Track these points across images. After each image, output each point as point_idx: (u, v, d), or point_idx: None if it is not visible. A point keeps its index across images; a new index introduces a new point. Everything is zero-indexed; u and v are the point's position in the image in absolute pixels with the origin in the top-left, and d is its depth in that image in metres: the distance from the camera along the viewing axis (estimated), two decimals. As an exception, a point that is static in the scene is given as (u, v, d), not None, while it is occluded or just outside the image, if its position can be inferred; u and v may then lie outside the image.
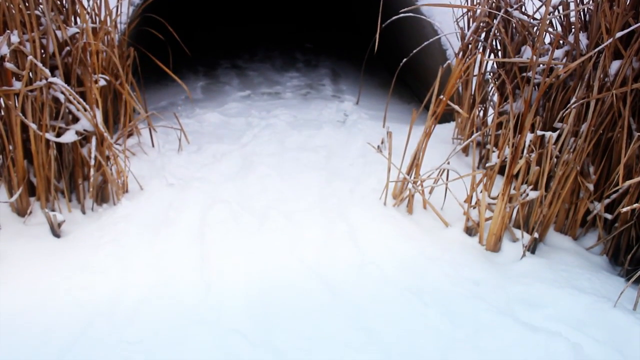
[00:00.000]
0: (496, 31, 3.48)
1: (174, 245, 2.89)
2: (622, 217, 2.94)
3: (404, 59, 3.86)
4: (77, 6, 3.07)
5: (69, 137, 2.97)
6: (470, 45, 3.63)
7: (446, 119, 4.32)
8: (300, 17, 8.01)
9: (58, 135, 2.96)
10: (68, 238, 2.91)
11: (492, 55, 3.66)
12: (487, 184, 2.97)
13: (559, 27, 3.30)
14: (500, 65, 3.48)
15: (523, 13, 3.41)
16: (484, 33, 3.64)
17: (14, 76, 2.82)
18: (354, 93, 5.34)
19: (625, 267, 2.92)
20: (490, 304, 2.56)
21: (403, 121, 4.42)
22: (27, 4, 2.79)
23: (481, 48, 3.66)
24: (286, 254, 2.86)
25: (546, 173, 2.87)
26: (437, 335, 2.39)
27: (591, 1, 3.02)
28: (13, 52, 2.80)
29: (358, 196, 3.35)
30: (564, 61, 3.08)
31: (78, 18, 3.13)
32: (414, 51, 3.83)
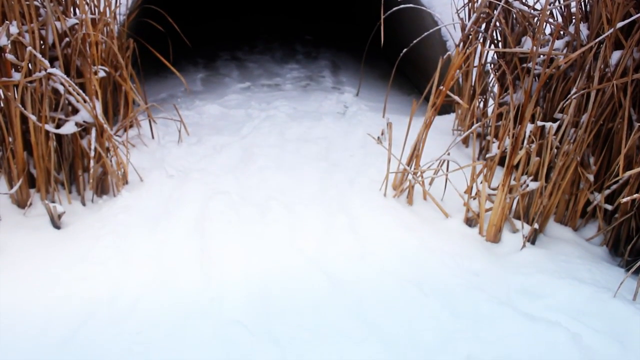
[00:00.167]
0: (496, 22, 3.47)
1: (174, 236, 2.89)
2: (622, 208, 2.94)
3: (404, 50, 3.86)
4: (76, -3, 3.06)
5: (69, 129, 2.96)
6: (470, 36, 3.62)
7: (446, 111, 4.31)
8: (300, 9, 7.98)
9: (58, 126, 2.96)
10: (68, 229, 2.91)
11: (493, 46, 3.65)
12: (487, 175, 2.97)
13: (560, 18, 3.29)
14: (500, 56, 3.47)
15: (523, 4, 3.39)
16: (485, 24, 3.63)
17: (13, 67, 2.81)
18: (354, 85, 5.33)
19: (625, 258, 2.93)
20: (490, 295, 2.57)
21: (403, 112, 4.41)
22: (26, -5, 2.79)
23: (481, 39, 3.65)
24: (286, 245, 2.86)
25: (546, 164, 2.87)
26: (437, 325, 2.39)
27: (592, -9, 3.01)
28: (12, 43, 2.79)
29: (358, 187, 3.34)
30: (565, 52, 3.07)
31: (77, 9, 3.11)
32: (414, 42, 3.82)
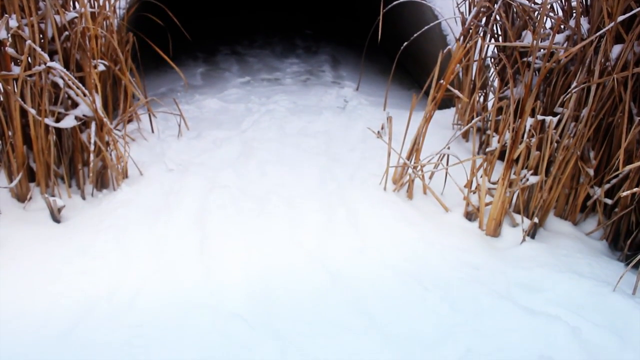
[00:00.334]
0: (497, 16, 3.47)
1: (174, 230, 2.89)
2: (622, 202, 2.94)
3: (405, 43, 3.85)
4: (76, -10, 3.06)
5: (69, 122, 2.96)
6: (470, 30, 3.61)
7: (446, 105, 4.30)
8: (300, 5, 7.96)
9: (57, 120, 2.96)
10: (68, 223, 2.92)
11: (493, 40, 3.64)
12: (487, 169, 2.97)
13: (560, 12, 3.28)
14: (501, 50, 3.47)
15: (524, -3, 3.39)
16: (485, 18, 3.62)
17: (13, 61, 2.81)
18: (354, 79, 5.32)
19: (624, 252, 2.93)
20: (489, 289, 2.57)
21: (403, 107, 4.41)
22: (26, -12, 2.78)
23: (482, 33, 3.65)
24: (286, 239, 2.86)
25: (546, 158, 2.87)
26: (437, 319, 2.40)
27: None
28: (12, 37, 2.79)
29: (358, 181, 3.35)
30: (565, 46, 3.07)
31: (76, 2, 3.10)
32: (414, 36, 3.81)
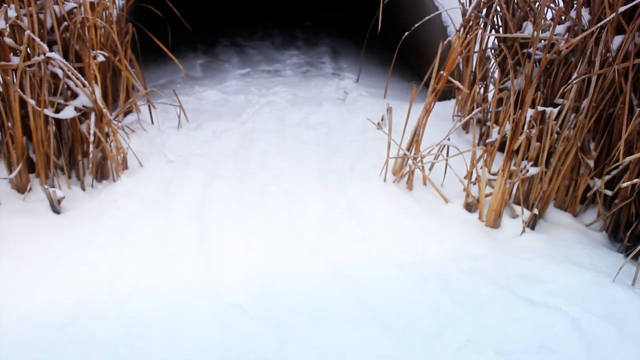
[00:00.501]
0: (497, 7, 3.45)
1: (174, 221, 2.89)
2: (622, 194, 2.94)
3: (405, 33, 3.84)
4: (75, -20, 3.04)
5: (68, 113, 2.95)
6: (471, 21, 3.60)
7: (446, 97, 4.29)
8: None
9: (57, 111, 2.95)
10: (68, 214, 2.91)
11: (493, 31, 3.63)
12: (487, 160, 2.97)
13: (561, 2, 3.27)
14: (501, 41, 3.46)
15: (525, -12, 3.38)
16: (485, 9, 3.61)
17: (12, 51, 2.80)
18: (354, 71, 5.30)
19: (624, 243, 2.93)
20: (489, 279, 2.57)
21: (403, 99, 4.40)
22: (24, -22, 2.77)
23: (482, 24, 3.63)
24: (286, 230, 2.86)
25: (546, 149, 2.87)
26: (437, 310, 2.40)
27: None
28: (10, 27, 2.78)
29: (358, 172, 3.34)
30: (566, 37, 3.06)
31: (76, -7, 3.10)
32: (415, 25, 3.79)
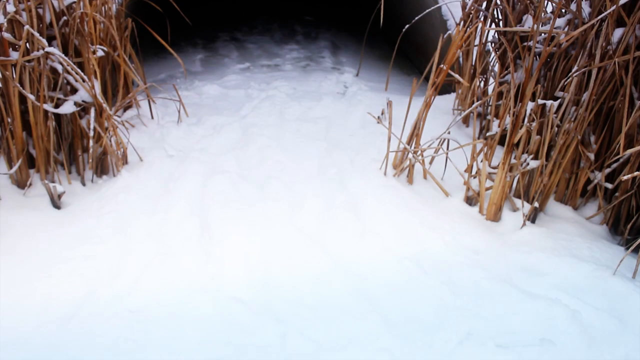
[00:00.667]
0: (497, 0, 3.44)
1: (174, 215, 2.89)
2: (623, 187, 2.93)
3: (405, 26, 3.83)
4: (74, -25, 3.03)
5: (68, 108, 2.95)
6: (471, 14, 3.60)
7: (446, 90, 4.29)
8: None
9: (56, 106, 2.95)
10: (68, 209, 2.91)
11: (493, 24, 3.62)
12: (488, 154, 2.96)
13: (561, -5, 3.26)
14: (501, 34, 3.45)
15: (525, -19, 3.37)
16: (485, 2, 3.60)
17: (11, 46, 2.79)
18: (354, 65, 5.30)
19: (625, 236, 2.93)
20: (490, 273, 2.57)
21: (403, 93, 4.40)
22: (23, -27, 2.76)
23: (482, 17, 3.63)
24: (286, 224, 2.86)
25: (547, 142, 2.86)
26: (437, 303, 2.41)
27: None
28: (9, 22, 2.77)
29: (358, 166, 3.34)
30: (566, 30, 3.05)
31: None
32: (415, 19, 3.79)
